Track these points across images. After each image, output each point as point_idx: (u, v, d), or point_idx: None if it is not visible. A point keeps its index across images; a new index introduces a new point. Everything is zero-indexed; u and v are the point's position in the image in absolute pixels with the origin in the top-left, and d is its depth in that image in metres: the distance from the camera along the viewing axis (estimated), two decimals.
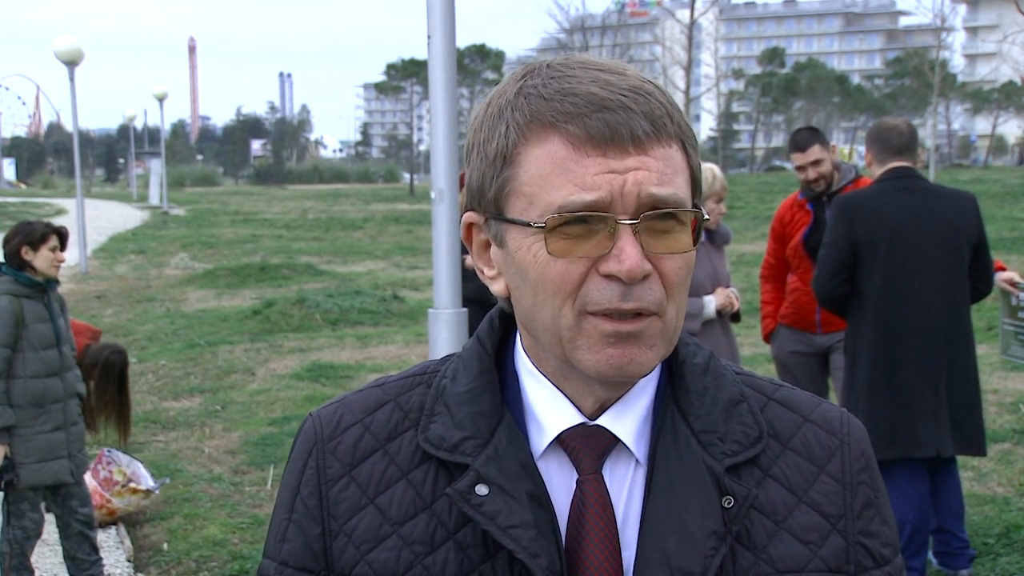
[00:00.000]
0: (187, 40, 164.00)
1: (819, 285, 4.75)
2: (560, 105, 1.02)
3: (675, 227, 1.03)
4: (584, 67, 1.05)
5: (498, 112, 1.06)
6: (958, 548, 4.85)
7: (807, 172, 5.49)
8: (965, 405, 4.67)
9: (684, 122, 1.06)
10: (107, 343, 5.79)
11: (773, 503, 1.10)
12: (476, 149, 1.08)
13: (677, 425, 1.09)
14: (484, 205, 1.08)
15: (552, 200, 1.01)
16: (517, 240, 1.05)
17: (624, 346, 1.03)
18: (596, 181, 1.00)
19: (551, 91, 1.03)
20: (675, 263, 1.04)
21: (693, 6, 41.27)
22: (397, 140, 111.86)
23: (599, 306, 1.02)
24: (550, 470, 1.09)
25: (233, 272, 18.14)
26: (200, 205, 42.50)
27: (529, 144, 1.03)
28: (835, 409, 1.17)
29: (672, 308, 1.05)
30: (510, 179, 1.05)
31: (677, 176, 1.03)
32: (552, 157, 1.02)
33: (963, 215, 4.68)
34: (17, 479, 4.74)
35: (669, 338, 1.06)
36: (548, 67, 1.06)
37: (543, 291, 1.04)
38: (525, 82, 1.06)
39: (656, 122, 1.02)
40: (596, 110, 1.01)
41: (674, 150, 1.04)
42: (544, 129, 1.02)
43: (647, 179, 1.01)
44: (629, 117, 1.01)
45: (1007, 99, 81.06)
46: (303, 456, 1.15)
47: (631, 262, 1.00)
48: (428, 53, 4.34)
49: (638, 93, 1.03)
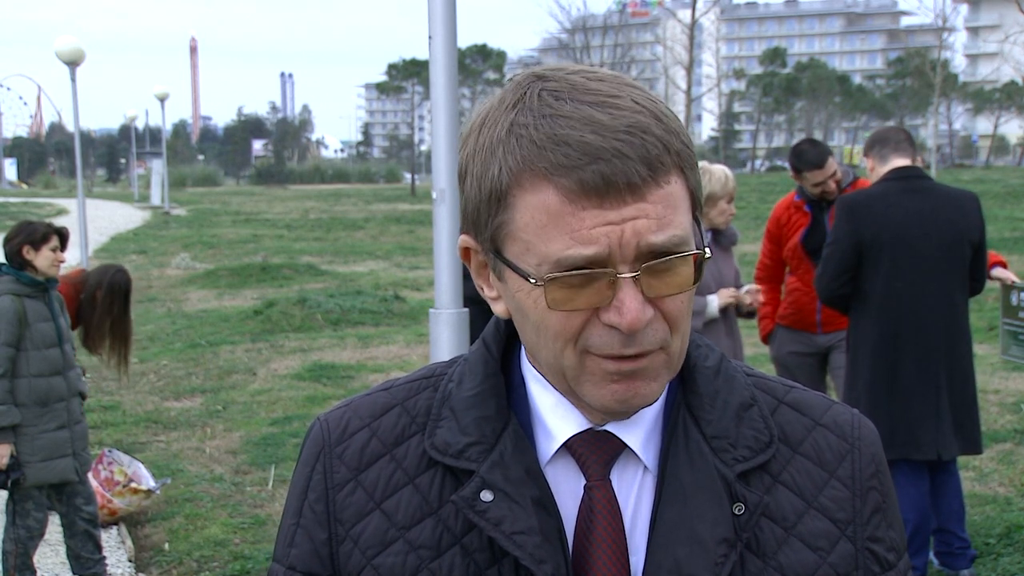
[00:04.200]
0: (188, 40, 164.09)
1: (823, 284, 4.75)
2: (552, 156, 0.98)
3: (676, 264, 1.00)
4: (575, 99, 1.00)
5: (490, 148, 1.02)
6: (959, 548, 4.85)
7: (826, 185, 5.46)
8: (966, 406, 4.67)
9: (682, 144, 1.01)
10: (107, 264, 5.78)
11: (783, 509, 1.09)
12: (470, 178, 1.05)
13: (689, 430, 1.09)
14: (481, 239, 1.07)
15: (549, 252, 0.99)
16: (516, 283, 1.03)
17: (629, 381, 1.02)
18: (594, 235, 0.97)
19: (542, 136, 0.98)
20: (676, 300, 1.02)
21: (694, 6, 41.28)
22: (398, 140, 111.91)
23: (601, 351, 1.01)
24: (558, 476, 1.08)
25: (234, 272, 18.15)
26: (201, 205, 42.51)
27: (523, 190, 1.00)
28: (847, 412, 1.16)
29: (677, 340, 1.04)
30: (506, 223, 1.02)
31: (677, 213, 1.00)
32: (547, 208, 0.98)
33: (966, 216, 4.68)
34: (23, 478, 4.75)
35: (673, 367, 1.05)
36: (539, 98, 1.01)
37: (544, 335, 1.03)
38: (516, 117, 1.01)
39: (652, 164, 0.98)
40: (590, 161, 0.97)
41: (673, 184, 1.00)
42: (537, 178, 0.99)
43: (646, 228, 0.98)
44: (625, 165, 0.97)
45: (1008, 99, 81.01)
46: (311, 461, 1.15)
47: (632, 315, 0.98)
48: (429, 53, 4.34)
49: (632, 134, 0.98)
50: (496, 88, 20.71)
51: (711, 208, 4.89)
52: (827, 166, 5.43)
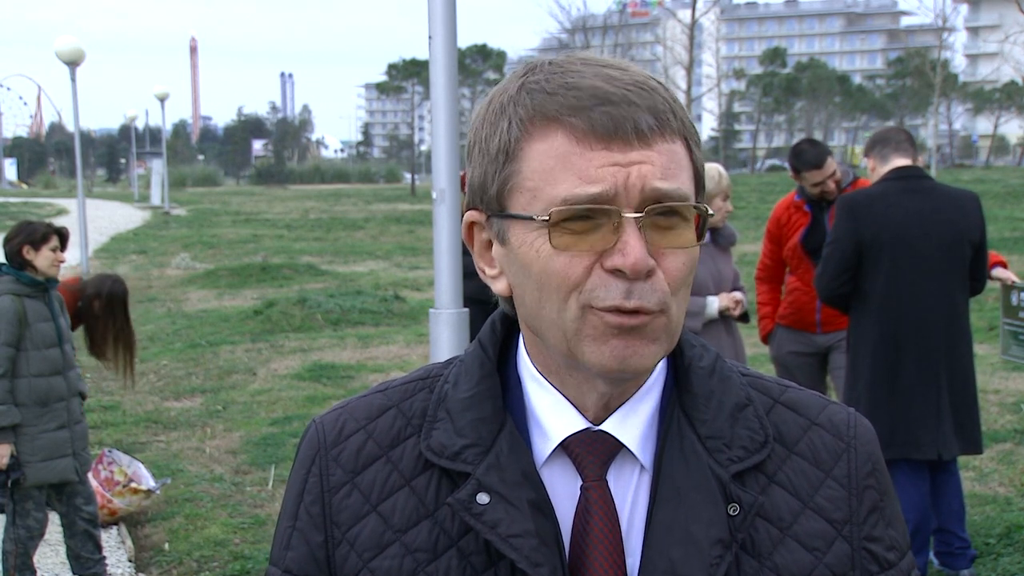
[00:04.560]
0: (188, 40, 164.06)
1: (823, 283, 4.75)
2: (563, 99, 1.01)
3: (679, 223, 1.03)
4: (587, 63, 1.05)
5: (500, 108, 1.06)
6: (959, 548, 4.85)
7: (825, 185, 5.47)
8: (966, 406, 4.68)
9: (687, 119, 1.05)
10: (103, 273, 5.77)
11: (778, 510, 1.09)
12: (477, 147, 1.08)
13: (683, 430, 1.08)
14: (486, 202, 1.07)
15: (556, 193, 1.01)
16: (520, 236, 1.04)
17: (628, 338, 1.02)
18: (600, 174, 1.00)
19: (554, 85, 1.03)
20: (678, 259, 1.03)
21: (694, 6, 41.30)
22: (398, 140, 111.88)
23: (603, 302, 1.01)
24: (554, 477, 1.08)
25: (234, 272, 18.14)
26: (201, 205, 42.51)
27: (532, 139, 1.03)
28: (842, 411, 1.16)
29: (675, 305, 1.04)
30: (513, 174, 1.04)
31: (681, 172, 1.03)
32: (555, 151, 1.01)
33: (967, 216, 4.68)
34: (23, 478, 4.75)
35: (672, 334, 1.05)
36: (551, 64, 1.06)
37: (547, 286, 1.03)
38: (527, 78, 1.05)
39: (660, 116, 1.02)
40: (600, 103, 1.00)
41: (678, 146, 1.03)
42: (547, 123, 1.02)
43: (651, 173, 1.00)
44: (633, 111, 1.00)
45: (1008, 99, 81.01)
46: (306, 463, 1.15)
47: (635, 256, 0.99)
48: (429, 53, 4.34)
49: (642, 88, 1.02)
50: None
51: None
52: (826, 166, 5.43)
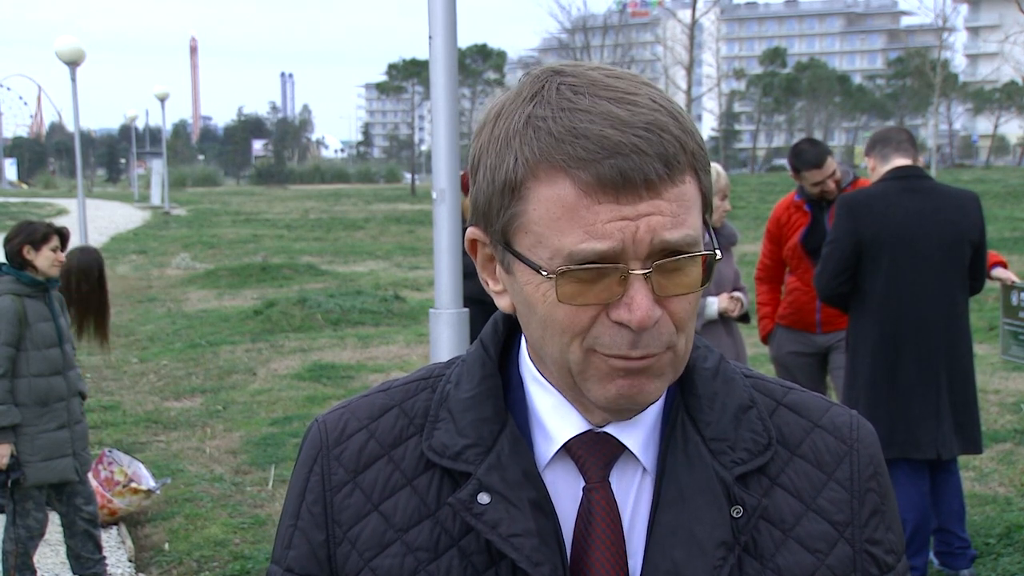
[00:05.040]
0: (188, 40, 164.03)
1: (822, 283, 4.75)
2: (571, 149, 0.97)
3: (686, 264, 1.00)
4: (595, 94, 0.99)
5: (506, 139, 1.01)
6: (959, 548, 4.85)
7: (825, 185, 5.47)
8: (966, 405, 4.68)
9: (697, 145, 1.01)
10: (76, 247, 5.73)
11: (781, 512, 1.09)
12: (483, 169, 1.04)
13: (687, 432, 1.08)
14: (491, 231, 1.06)
15: (562, 245, 0.98)
16: (525, 275, 1.02)
17: (634, 378, 1.01)
18: (608, 229, 0.97)
19: (561, 129, 0.98)
20: (685, 301, 1.02)
21: (694, 6, 41.32)
22: (398, 140, 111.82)
23: (609, 350, 1.00)
24: (556, 478, 1.08)
25: (234, 272, 18.15)
26: (201, 205, 42.52)
27: (539, 182, 0.99)
28: (845, 413, 1.16)
29: (682, 340, 1.03)
30: (519, 215, 1.01)
31: (691, 213, 1.00)
32: (562, 201, 0.98)
33: (967, 216, 4.68)
34: (23, 478, 4.75)
35: (678, 366, 1.05)
36: (558, 91, 1.00)
37: (551, 328, 1.02)
38: (535, 111, 1.00)
39: (669, 162, 0.98)
40: (608, 156, 0.96)
41: (687, 184, 1.00)
42: (554, 170, 0.98)
43: (660, 224, 0.98)
44: (643, 161, 0.97)
45: (1009, 99, 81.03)
46: (308, 462, 1.15)
47: (642, 312, 0.98)
48: (429, 53, 4.34)
49: (651, 132, 0.98)
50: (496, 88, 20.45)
51: None
52: (826, 166, 5.43)
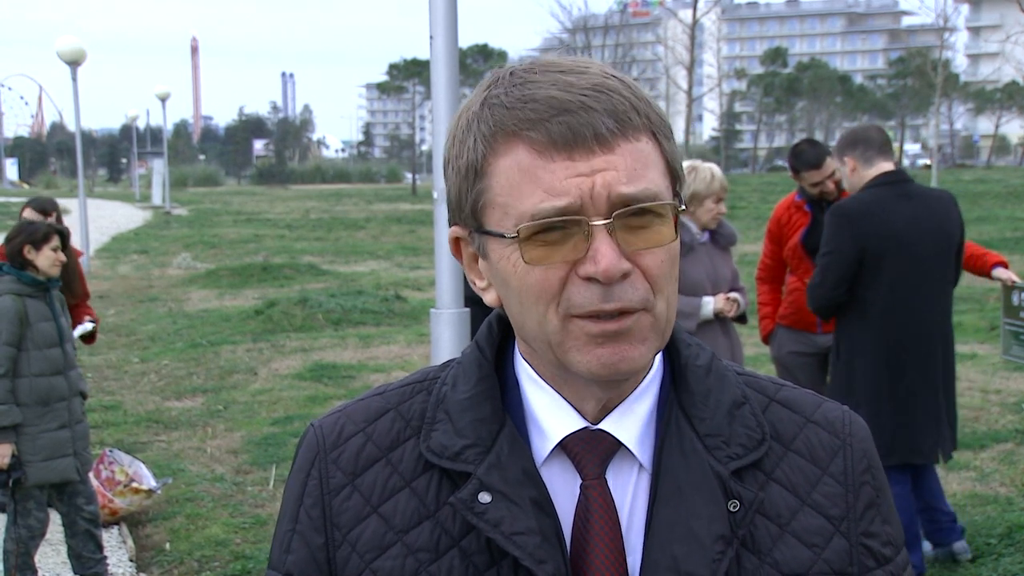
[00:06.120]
0: (189, 40, 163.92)
1: (822, 292, 4.66)
2: (521, 113, 1.01)
3: (653, 221, 1.02)
4: (546, 70, 1.04)
5: (466, 126, 1.06)
6: (947, 523, 4.89)
7: (825, 185, 5.46)
8: (952, 405, 4.75)
9: (654, 113, 1.04)
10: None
11: (776, 506, 1.10)
12: (450, 164, 1.08)
13: (682, 429, 1.09)
14: (464, 219, 1.09)
15: (524, 208, 1.01)
16: (497, 251, 1.05)
17: (614, 344, 1.02)
18: (565, 186, 1.00)
19: (512, 99, 1.03)
20: (656, 257, 1.03)
21: (695, 6, 41.30)
22: (399, 140, 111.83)
23: (582, 308, 1.02)
24: (553, 476, 1.09)
25: (235, 272, 18.16)
26: (202, 205, 42.53)
27: (497, 155, 1.03)
28: (837, 408, 1.17)
29: (660, 302, 1.04)
30: (483, 191, 1.05)
31: (649, 170, 1.03)
32: (519, 165, 1.01)
33: (952, 220, 4.69)
34: (24, 477, 4.76)
35: (661, 332, 1.06)
36: (511, 75, 1.06)
37: (526, 299, 1.04)
38: (489, 92, 1.05)
39: (620, 118, 1.01)
40: (557, 114, 1.00)
41: (643, 143, 1.03)
42: (509, 138, 1.02)
43: (615, 179, 1.00)
44: (591, 117, 1.00)
45: (1010, 99, 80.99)
46: (305, 467, 1.15)
47: (606, 262, 0.99)
48: (430, 53, 4.34)
49: (599, 91, 1.01)
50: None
51: (697, 207, 4.91)
52: (825, 166, 5.44)
